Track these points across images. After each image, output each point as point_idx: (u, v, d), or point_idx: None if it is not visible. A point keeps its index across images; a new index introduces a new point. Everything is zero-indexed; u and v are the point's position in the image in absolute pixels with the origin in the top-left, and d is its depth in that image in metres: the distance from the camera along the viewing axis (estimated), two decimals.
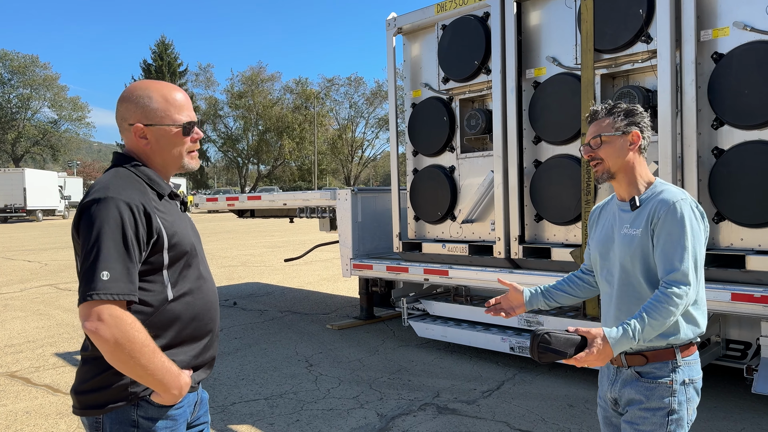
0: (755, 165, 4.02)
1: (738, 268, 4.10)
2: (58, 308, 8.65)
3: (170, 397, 1.72)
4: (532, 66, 5.22)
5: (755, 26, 4.03)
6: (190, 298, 1.82)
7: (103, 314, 1.58)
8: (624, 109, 2.13)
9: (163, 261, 1.75)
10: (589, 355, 1.92)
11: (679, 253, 1.95)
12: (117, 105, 1.85)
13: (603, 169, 2.13)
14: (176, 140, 1.86)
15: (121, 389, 1.71)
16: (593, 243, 2.27)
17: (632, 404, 2.07)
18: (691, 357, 2.07)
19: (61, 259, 15.09)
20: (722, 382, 4.77)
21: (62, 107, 58.89)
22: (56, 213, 37.79)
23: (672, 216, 1.97)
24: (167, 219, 1.78)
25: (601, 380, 2.26)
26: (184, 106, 1.87)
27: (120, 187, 1.71)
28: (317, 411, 4.42)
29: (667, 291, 1.93)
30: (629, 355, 2.07)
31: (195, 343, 1.84)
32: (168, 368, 1.68)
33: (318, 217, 7.63)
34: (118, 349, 1.59)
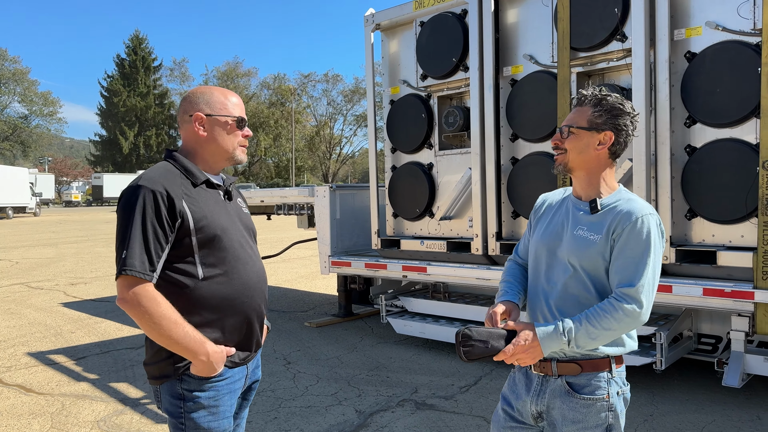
0: (726, 162, 4.11)
1: (709, 264, 4.19)
2: (30, 307, 8.49)
3: (201, 365, 1.88)
4: (510, 64, 5.26)
5: (727, 26, 4.11)
6: (224, 278, 1.96)
7: (127, 288, 1.81)
8: (609, 105, 1.93)
9: (191, 243, 1.91)
10: (516, 348, 1.85)
11: (640, 270, 1.83)
12: (181, 103, 2.10)
13: (562, 161, 1.98)
14: (230, 132, 2.07)
15: (169, 364, 1.92)
16: (538, 235, 2.09)
17: (568, 423, 1.91)
18: (622, 367, 1.98)
19: (32, 257, 14.81)
20: (694, 375, 4.87)
21: (33, 102, 57.81)
22: (27, 210, 37.05)
23: (638, 231, 1.85)
24: (196, 204, 1.94)
25: (515, 390, 2.07)
26: (239, 105, 2.10)
27: (151, 176, 1.91)
28: (295, 408, 4.41)
29: (617, 304, 1.82)
30: (561, 363, 1.93)
31: (231, 321, 1.98)
32: (192, 336, 1.86)
33: (296, 214, 7.60)
34: (142, 318, 1.81)
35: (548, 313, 1.99)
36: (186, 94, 2.11)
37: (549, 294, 1.99)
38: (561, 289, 1.96)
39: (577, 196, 2.03)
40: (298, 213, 7.55)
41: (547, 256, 2.02)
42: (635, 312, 1.82)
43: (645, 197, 4.31)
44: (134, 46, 62.91)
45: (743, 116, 4.05)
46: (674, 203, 4.34)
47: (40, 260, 14.08)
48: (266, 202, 7.75)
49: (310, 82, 60.04)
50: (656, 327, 4.38)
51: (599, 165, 1.97)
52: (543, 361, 1.96)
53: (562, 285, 1.95)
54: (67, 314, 7.99)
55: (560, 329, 1.84)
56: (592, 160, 1.95)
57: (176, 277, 1.91)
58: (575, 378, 1.92)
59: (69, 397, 4.75)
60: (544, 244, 2.04)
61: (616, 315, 1.82)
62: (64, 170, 68.30)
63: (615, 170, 2.05)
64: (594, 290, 1.92)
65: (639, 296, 1.82)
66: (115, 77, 62.99)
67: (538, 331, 1.86)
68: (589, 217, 1.95)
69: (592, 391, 1.91)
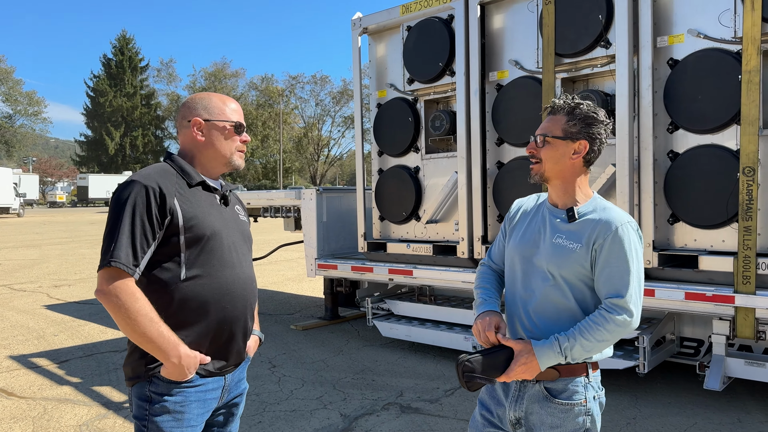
0: (708, 168, 4.16)
1: (691, 268, 4.24)
2: (12, 309, 8.40)
3: (171, 367, 1.86)
4: (495, 69, 5.29)
5: (708, 34, 4.17)
6: (205, 281, 1.94)
7: (106, 282, 1.81)
8: (583, 114, 1.94)
9: (179, 242, 1.90)
10: (516, 369, 1.89)
11: (626, 280, 1.86)
12: (179, 109, 2.12)
13: (538, 171, 1.99)
14: (228, 137, 2.07)
15: (141, 364, 1.91)
16: (514, 243, 2.09)
17: (547, 429, 1.94)
18: (598, 372, 2.01)
19: (15, 258, 14.65)
20: (676, 378, 4.92)
21: (17, 101, 57.21)
22: (10, 211, 36.64)
23: (619, 241, 1.87)
24: (188, 203, 1.93)
25: (494, 395, 2.09)
26: (237, 111, 2.11)
27: (147, 173, 1.92)
28: (280, 412, 4.40)
29: (609, 315, 1.85)
30: None
31: (207, 327, 1.95)
32: (167, 337, 1.83)
33: (282, 216, 7.58)
34: (118, 313, 1.80)
35: (526, 320, 2.00)
36: (185, 99, 2.13)
37: (527, 301, 2.00)
38: (539, 296, 1.96)
39: (553, 204, 2.03)
40: (284, 215, 7.54)
41: (524, 263, 2.02)
42: (626, 321, 1.85)
43: (628, 202, 4.36)
44: (121, 46, 62.47)
45: (724, 123, 4.11)
46: (657, 208, 4.39)
47: (24, 262, 13.93)
48: (253, 205, 7.73)
49: (299, 83, 59.95)
50: (639, 331, 4.42)
51: (574, 173, 1.98)
52: None
53: (541, 293, 1.96)
54: (50, 317, 7.91)
55: (557, 347, 1.86)
56: (568, 169, 1.96)
57: (159, 275, 1.89)
58: (553, 383, 1.94)
59: (51, 401, 4.70)
60: (520, 251, 2.04)
61: (608, 326, 1.85)
62: (48, 171, 67.65)
63: (589, 177, 2.06)
64: (572, 298, 1.94)
65: (629, 306, 1.85)
66: (102, 77, 62.51)
67: (536, 349, 1.88)
68: (567, 225, 1.96)
69: (570, 396, 1.93)
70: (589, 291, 1.94)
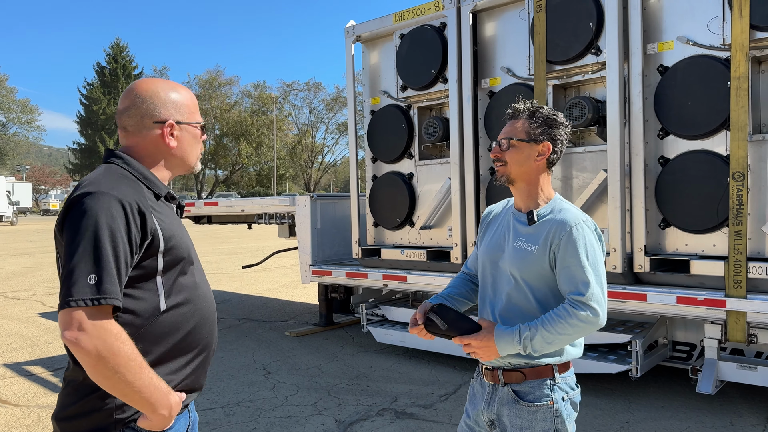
0: (698, 173, 4.21)
1: (683, 273, 4.27)
2: (6, 317, 8.36)
3: (159, 419, 1.55)
4: (488, 76, 5.34)
5: (697, 41, 4.23)
6: (185, 309, 1.67)
7: (85, 322, 1.43)
8: (544, 116, 2.01)
9: (157, 266, 1.60)
10: (472, 340, 1.93)
11: (585, 278, 1.89)
12: (132, 102, 1.71)
13: (504, 173, 2.04)
14: (197, 140, 1.82)
15: (106, 415, 1.55)
16: (483, 247, 2.16)
17: (516, 430, 1.98)
18: (568, 373, 2.03)
19: (8, 266, 14.58)
20: (669, 382, 4.95)
21: (11, 109, 57.06)
22: (4, 219, 36.47)
23: (574, 239, 1.91)
24: (164, 221, 1.64)
25: (473, 401, 2.15)
26: (198, 107, 1.84)
27: (112, 182, 1.57)
28: (275, 418, 4.40)
29: (571, 310, 1.87)
30: (507, 372, 2.00)
31: (188, 360, 1.68)
32: (156, 385, 1.52)
33: (277, 223, 7.59)
34: (100, 362, 1.44)
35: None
36: (138, 90, 1.73)
37: (495, 304, 2.07)
38: (505, 299, 2.03)
39: (517, 208, 2.09)
40: (279, 222, 7.54)
41: (492, 267, 2.09)
42: (590, 318, 1.88)
43: (620, 207, 4.40)
44: (115, 53, 62.41)
45: (714, 128, 4.16)
46: (648, 213, 4.43)
47: (17, 270, 13.87)
48: (247, 211, 7.74)
49: (293, 90, 60.04)
50: (632, 335, 4.45)
51: (538, 175, 2.04)
52: (491, 370, 2.05)
53: (506, 295, 2.02)
54: (44, 324, 7.88)
55: (517, 334, 1.90)
56: (532, 171, 2.02)
57: (131, 306, 1.56)
58: (520, 386, 1.99)
59: (45, 408, 4.69)
60: (488, 256, 2.11)
61: (571, 321, 1.87)
62: (42, 178, 67.37)
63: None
64: (534, 300, 1.98)
65: (590, 303, 1.88)
66: (95, 85, 62.40)
67: (496, 332, 1.93)
68: (527, 228, 2.02)
69: (537, 398, 1.97)
70: (551, 293, 1.99)
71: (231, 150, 58.31)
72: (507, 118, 2.10)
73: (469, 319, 1.98)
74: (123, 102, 1.74)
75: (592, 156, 4.73)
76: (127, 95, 1.74)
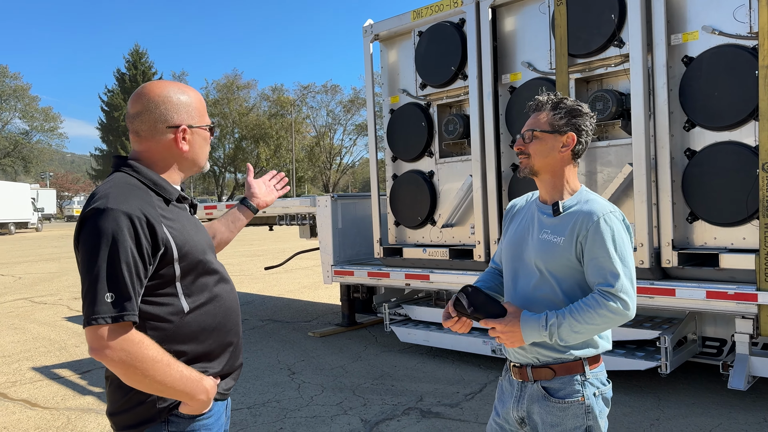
0: (726, 165, 4.12)
1: (712, 267, 4.19)
2: (34, 322, 8.49)
3: (199, 404, 1.66)
4: (508, 71, 5.29)
5: (723, 30, 4.14)
6: (209, 307, 1.73)
7: (108, 337, 1.51)
8: (568, 107, 1.97)
9: (174, 273, 1.64)
10: (497, 324, 1.89)
11: (613, 269, 1.85)
12: (145, 107, 1.72)
13: (527, 165, 2.02)
14: (207, 142, 1.83)
15: (150, 407, 1.65)
16: (506, 241, 2.14)
17: (547, 427, 1.94)
18: (598, 368, 1.99)
19: (35, 272, 14.82)
20: (699, 378, 4.86)
21: (34, 118, 58.01)
22: (29, 225, 37.13)
23: (602, 231, 1.87)
24: (175, 227, 1.66)
25: (502, 398, 2.11)
26: (206, 107, 1.84)
27: (120, 196, 1.59)
28: (301, 418, 4.41)
29: (601, 300, 1.84)
30: (535, 368, 1.97)
31: (220, 353, 1.76)
32: (188, 377, 1.62)
33: (298, 224, 7.61)
34: (129, 370, 1.53)
35: None
36: (149, 95, 1.72)
37: (520, 296, 2.03)
38: (530, 292, 2.00)
39: (542, 200, 2.07)
40: (300, 223, 7.56)
41: (516, 260, 2.07)
42: (619, 309, 1.84)
43: (646, 201, 4.33)
44: (134, 60, 63.17)
45: (742, 119, 4.07)
46: (675, 207, 4.36)
47: (43, 275, 14.10)
48: (268, 213, 7.76)
49: (310, 93, 60.29)
50: (660, 331, 4.38)
51: (563, 167, 2.01)
52: (519, 367, 2.02)
53: (531, 288, 1.99)
54: (70, 328, 7.99)
55: (543, 321, 1.87)
56: (557, 162, 2.00)
57: (154, 311, 1.62)
58: (550, 382, 1.96)
59: (74, 410, 4.75)
60: (512, 249, 2.09)
61: (600, 311, 1.84)
62: (65, 185, 68.45)
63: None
64: (561, 292, 1.95)
65: (619, 294, 1.85)
66: (116, 92, 63.24)
67: (522, 318, 1.90)
68: (552, 219, 1.98)
69: (567, 394, 1.94)
70: (577, 285, 1.95)
71: (250, 153, 58.72)
72: (530, 110, 2.07)
73: (498, 303, 1.95)
74: (134, 106, 1.73)
75: (617, 150, 4.66)
76: (138, 100, 1.73)
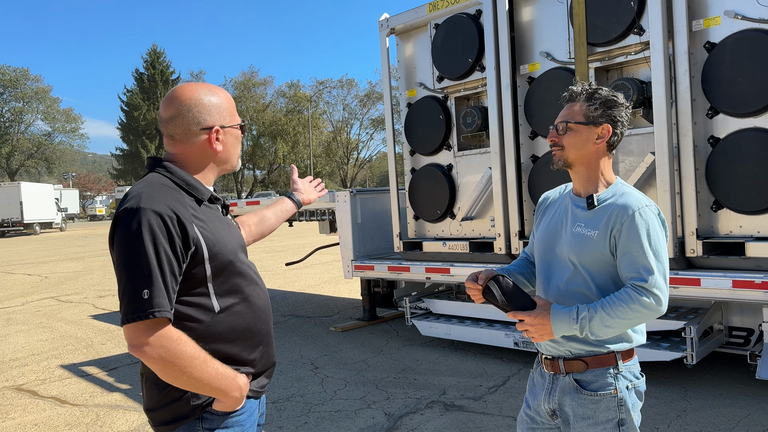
0: (751, 152, 4.05)
1: (738, 255, 4.13)
2: (61, 320, 8.65)
3: (232, 401, 1.70)
4: (526, 62, 5.25)
5: (746, 14, 4.06)
6: (240, 307, 1.75)
7: (146, 334, 1.55)
8: (603, 98, 1.94)
9: (206, 272, 1.67)
10: (526, 317, 1.88)
11: (647, 264, 1.83)
12: (178, 111, 1.74)
13: (561, 157, 1.98)
14: (238, 141, 1.86)
15: (185, 404, 1.68)
16: (539, 234, 2.12)
17: (579, 420, 1.92)
18: (632, 361, 1.96)
19: (60, 271, 15.07)
20: (726, 369, 4.80)
21: (55, 119, 58.87)
22: (53, 225, 37.71)
23: (636, 225, 1.84)
24: (206, 227, 1.69)
25: (533, 391, 2.10)
26: (235, 106, 1.87)
27: (152, 195, 1.62)
28: (325, 413, 4.44)
29: (634, 294, 1.81)
30: (567, 361, 1.95)
31: (250, 353, 1.78)
32: (223, 374, 1.66)
33: (317, 219, 7.64)
34: (167, 366, 1.57)
35: None
36: (181, 98, 1.75)
37: (552, 291, 2.02)
38: (563, 286, 1.97)
39: (576, 193, 2.04)
40: (319, 219, 7.60)
41: (548, 253, 2.04)
42: (651, 305, 1.82)
43: (669, 191, 4.27)
44: (152, 60, 63.73)
45: (766, 105, 4.00)
46: (699, 195, 4.29)
47: (68, 274, 14.33)
48: None
49: (326, 88, 60.36)
50: (686, 321, 4.33)
51: (598, 159, 1.97)
52: (551, 359, 2.01)
53: (564, 282, 1.97)
54: (96, 326, 8.13)
55: (574, 314, 1.85)
56: (592, 154, 1.96)
57: (186, 311, 1.66)
58: (582, 375, 1.94)
59: (103, 407, 4.83)
60: (544, 242, 2.07)
61: (632, 306, 1.81)
62: (87, 185, 69.42)
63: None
64: (594, 287, 1.92)
65: (653, 290, 1.82)
66: (135, 92, 63.89)
67: (553, 311, 1.88)
68: (586, 213, 1.96)
69: (600, 387, 1.92)
70: (611, 279, 1.92)
71: (268, 150, 59.01)
72: (564, 101, 2.03)
73: (527, 296, 1.93)
74: (167, 111, 1.76)
75: (639, 139, 4.60)
76: (170, 103, 1.76)
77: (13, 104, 56.38)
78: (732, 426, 3.81)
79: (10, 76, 55.02)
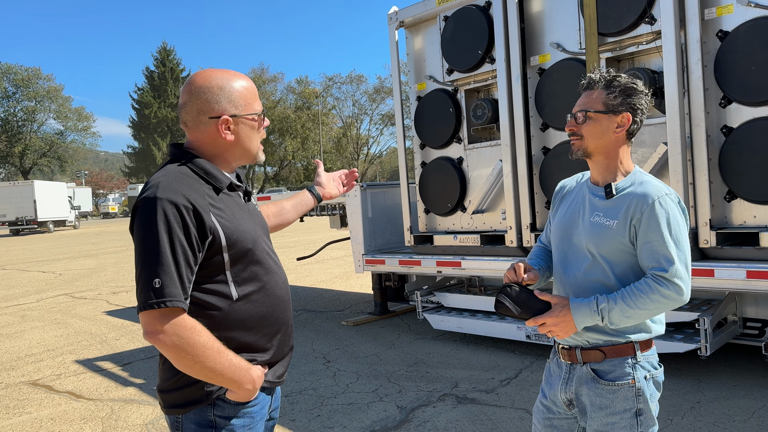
0: (765, 141, 4.01)
1: (752, 246, 4.09)
2: (75, 317, 8.73)
3: (245, 393, 1.69)
4: (537, 53, 5.22)
5: (759, 2, 4.01)
6: (259, 295, 1.75)
7: (161, 322, 1.56)
8: (622, 85, 1.90)
9: (224, 260, 1.68)
10: (547, 319, 1.86)
11: (669, 254, 1.80)
12: (189, 98, 1.73)
13: (580, 146, 1.94)
14: (255, 130, 1.81)
15: (198, 389, 1.68)
16: (556, 223, 2.09)
17: (596, 410, 1.91)
18: (650, 351, 1.94)
19: (74, 268, 15.21)
20: (740, 360, 4.76)
21: (67, 118, 59.27)
22: (67, 223, 38.06)
23: (657, 214, 1.82)
24: (225, 215, 1.69)
25: (549, 381, 2.08)
26: (255, 93, 1.81)
27: (170, 185, 1.62)
28: (337, 406, 4.45)
29: (654, 285, 1.80)
30: (585, 350, 1.94)
31: (267, 341, 1.78)
32: (237, 365, 1.65)
33: (328, 214, 7.66)
34: (181, 354, 1.58)
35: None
36: (193, 85, 1.74)
37: (570, 281, 1.99)
38: (581, 276, 1.95)
39: (594, 182, 2.01)
40: (330, 213, 7.61)
41: (565, 243, 2.02)
42: (672, 295, 1.81)
43: (682, 181, 4.24)
44: (162, 57, 64.10)
45: None
46: (712, 186, 4.25)
47: (82, 271, 14.46)
48: None
49: (335, 83, 60.31)
50: (699, 312, 4.30)
51: (617, 148, 1.94)
52: (568, 349, 1.99)
53: (582, 272, 1.95)
54: (111, 322, 8.20)
55: (594, 305, 1.84)
56: (611, 143, 1.93)
57: (206, 299, 1.66)
58: (599, 365, 1.92)
59: (117, 401, 4.88)
60: (561, 232, 2.04)
61: (653, 296, 1.80)
62: (100, 183, 70.02)
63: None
64: (614, 276, 1.90)
65: (673, 280, 1.80)
66: (146, 89, 64.31)
67: (572, 305, 1.87)
68: (605, 202, 1.93)
69: (618, 377, 1.90)
70: (630, 269, 1.90)
71: (278, 146, 59.10)
72: (581, 89, 1.99)
73: (538, 298, 1.92)
74: (182, 96, 1.76)
75: (651, 129, 4.57)
76: (186, 89, 1.75)
77: (26, 103, 56.81)
78: (746, 417, 3.78)
79: (23, 76, 55.44)
